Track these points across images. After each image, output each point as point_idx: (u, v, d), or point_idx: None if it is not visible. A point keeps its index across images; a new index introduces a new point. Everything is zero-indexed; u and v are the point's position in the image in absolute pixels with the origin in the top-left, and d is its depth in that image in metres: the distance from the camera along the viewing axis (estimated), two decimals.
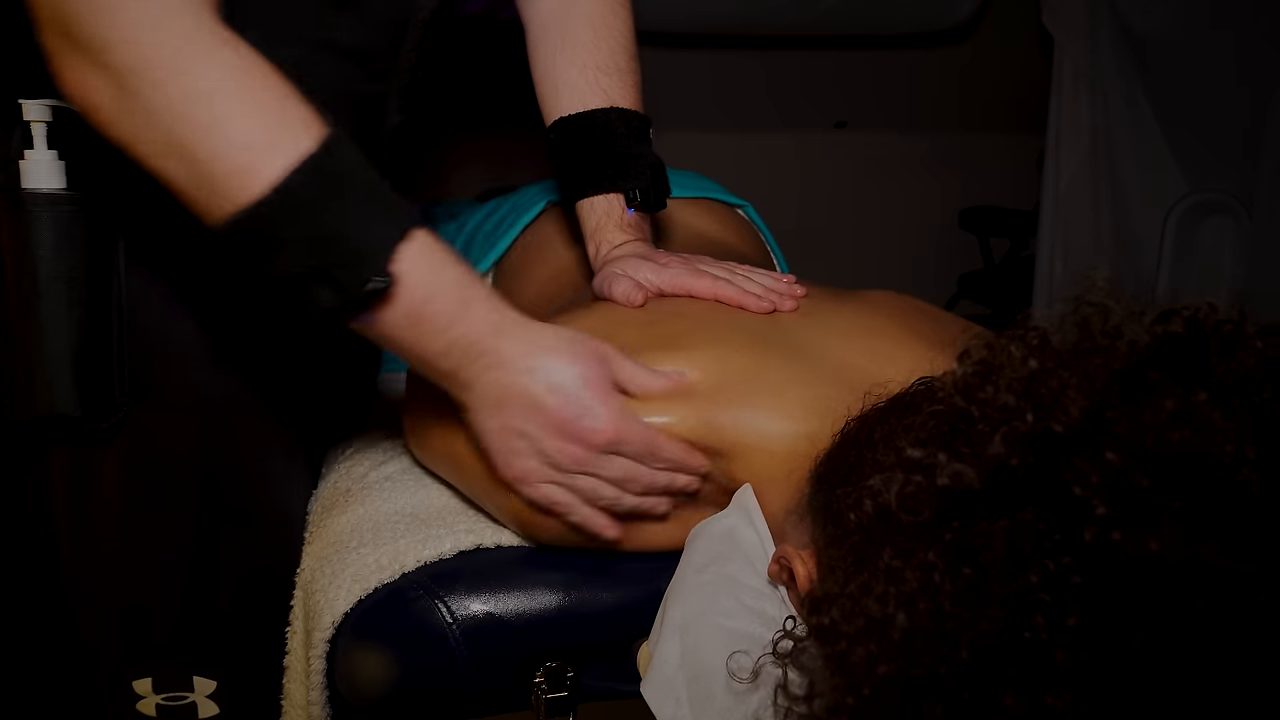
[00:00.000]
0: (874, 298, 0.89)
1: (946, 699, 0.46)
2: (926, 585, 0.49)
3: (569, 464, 0.72)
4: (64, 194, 0.77)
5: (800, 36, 2.88)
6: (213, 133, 0.62)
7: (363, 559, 0.84)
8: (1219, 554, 0.44)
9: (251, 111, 0.63)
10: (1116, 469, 0.46)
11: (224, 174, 0.63)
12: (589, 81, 0.94)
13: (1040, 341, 0.55)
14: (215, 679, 0.93)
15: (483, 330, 0.70)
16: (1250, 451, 0.46)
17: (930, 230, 3.27)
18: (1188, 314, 0.53)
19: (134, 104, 0.62)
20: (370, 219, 0.65)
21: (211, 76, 0.62)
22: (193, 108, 0.62)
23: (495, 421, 0.73)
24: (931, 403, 0.58)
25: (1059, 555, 0.46)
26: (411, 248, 0.67)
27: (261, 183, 0.62)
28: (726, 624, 0.70)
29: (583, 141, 0.94)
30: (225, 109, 0.62)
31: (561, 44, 0.95)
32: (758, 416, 0.76)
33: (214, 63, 0.63)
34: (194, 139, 0.62)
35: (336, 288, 0.65)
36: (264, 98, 0.64)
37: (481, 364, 0.70)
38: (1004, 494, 0.49)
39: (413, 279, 0.66)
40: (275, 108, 0.64)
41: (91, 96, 0.63)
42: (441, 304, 0.68)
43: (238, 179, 0.63)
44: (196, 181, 0.64)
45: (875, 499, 0.54)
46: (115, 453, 0.86)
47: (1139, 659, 0.43)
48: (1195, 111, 2.39)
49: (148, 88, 0.62)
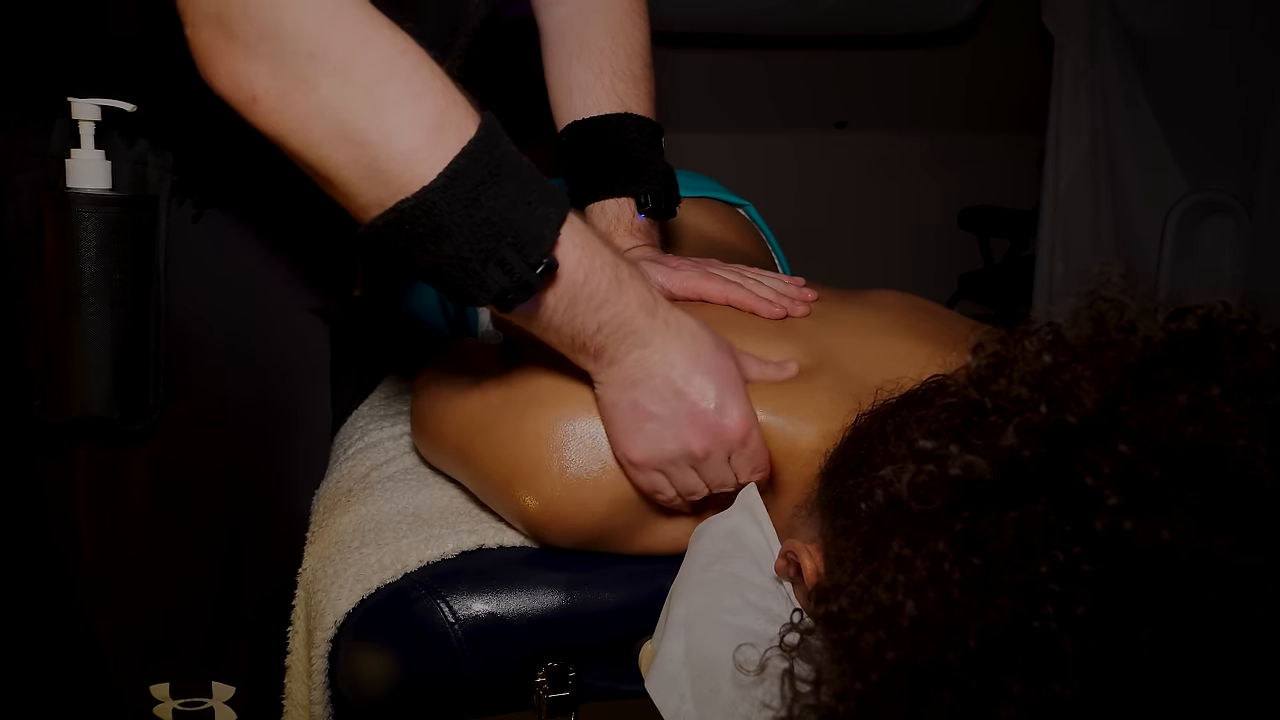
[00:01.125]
0: (880, 298, 0.89)
1: (954, 686, 0.46)
2: (936, 574, 0.49)
3: (695, 455, 0.72)
4: (110, 195, 0.77)
5: (800, 36, 2.89)
6: (387, 117, 0.61)
7: (365, 559, 0.83)
8: (1230, 546, 0.44)
9: (422, 95, 0.62)
10: (1129, 460, 0.46)
11: (395, 158, 0.62)
12: (605, 87, 0.94)
13: (1054, 336, 0.55)
14: (234, 684, 0.93)
15: (634, 310, 0.70)
16: (1262, 447, 0.46)
17: (930, 230, 3.28)
18: (1202, 312, 0.54)
19: (304, 92, 0.61)
20: (534, 202, 0.65)
21: (382, 62, 0.62)
22: (367, 93, 0.61)
23: (628, 398, 0.72)
24: (944, 395, 0.58)
25: (1069, 545, 0.46)
26: (569, 228, 0.67)
27: (432, 167, 0.62)
28: (732, 620, 0.70)
29: (596, 145, 0.94)
30: (398, 93, 0.62)
31: (578, 49, 0.95)
32: (788, 422, 0.76)
33: (383, 48, 0.62)
34: (367, 124, 0.61)
35: (506, 269, 0.64)
36: (431, 82, 0.63)
37: (630, 343, 0.70)
38: (1015, 485, 0.49)
39: (572, 259, 0.67)
40: (441, 92, 0.63)
41: (251, 88, 0.62)
42: (597, 283, 0.68)
43: (408, 163, 0.62)
44: (364, 169, 0.62)
45: (886, 489, 0.54)
46: (145, 455, 0.86)
47: (1148, 649, 0.43)
48: (1195, 111, 2.39)
49: (323, 75, 0.61)
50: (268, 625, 0.93)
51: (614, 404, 0.73)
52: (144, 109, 0.78)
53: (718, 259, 1.05)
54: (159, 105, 0.78)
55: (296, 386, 0.93)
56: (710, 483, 0.75)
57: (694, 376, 0.71)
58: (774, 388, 0.77)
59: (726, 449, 0.73)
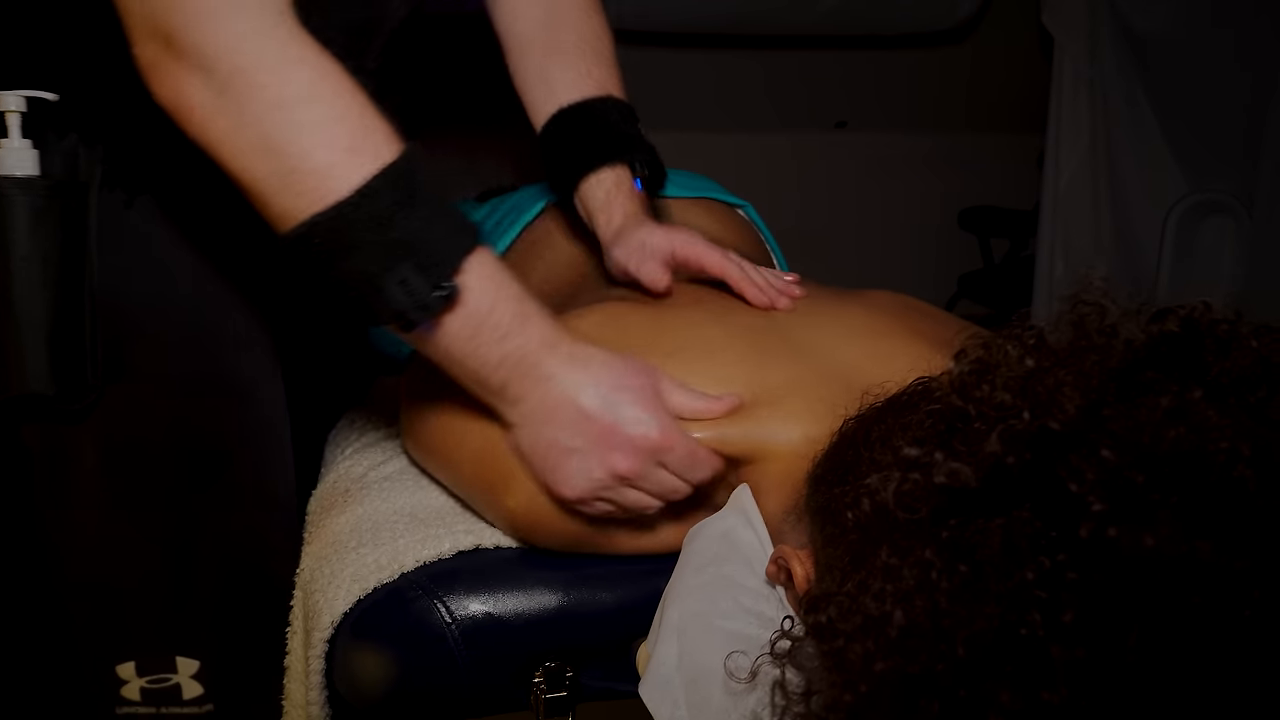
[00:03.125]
0: (874, 297, 0.89)
1: (943, 696, 0.46)
2: (923, 583, 0.49)
3: (625, 474, 0.73)
4: (37, 180, 0.81)
5: (800, 36, 2.89)
6: (305, 135, 0.65)
7: (362, 559, 0.84)
8: (1215, 550, 0.43)
9: (341, 117, 0.66)
10: (1112, 466, 0.46)
11: (310, 174, 0.65)
12: (582, 75, 0.97)
13: (1037, 340, 0.55)
14: (198, 659, 0.94)
15: (536, 344, 0.71)
16: (1245, 448, 0.46)
17: (930, 230, 3.28)
18: (1183, 313, 0.54)
19: (231, 106, 0.65)
20: (443, 229, 0.68)
21: (306, 82, 0.66)
22: (288, 111, 0.65)
23: (544, 438, 0.73)
24: (929, 402, 0.58)
25: (1055, 552, 0.46)
26: (478, 259, 0.69)
27: (346, 185, 0.65)
28: (724, 625, 0.70)
29: (584, 125, 0.96)
30: (318, 114, 0.65)
31: (549, 50, 0.98)
32: (764, 423, 0.76)
33: (308, 70, 0.66)
34: (286, 140, 0.65)
35: (407, 290, 0.66)
36: (351, 106, 0.67)
37: (532, 378, 0.72)
38: (1000, 492, 0.49)
39: (477, 289, 0.69)
40: (361, 116, 0.67)
41: (188, 99, 0.66)
42: (501, 316, 0.70)
43: (323, 180, 0.65)
44: (281, 182, 0.66)
45: (873, 497, 0.54)
46: (91, 433, 0.89)
47: (1134, 654, 0.43)
48: (1195, 111, 2.39)
49: (248, 91, 0.64)
50: (229, 598, 0.95)
51: (532, 447, 0.74)
52: (69, 101, 0.82)
53: None
54: (85, 98, 0.81)
55: (238, 361, 0.94)
56: (658, 495, 0.75)
57: (599, 399, 0.72)
58: (743, 384, 0.77)
59: (654, 459, 0.73)
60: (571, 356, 0.72)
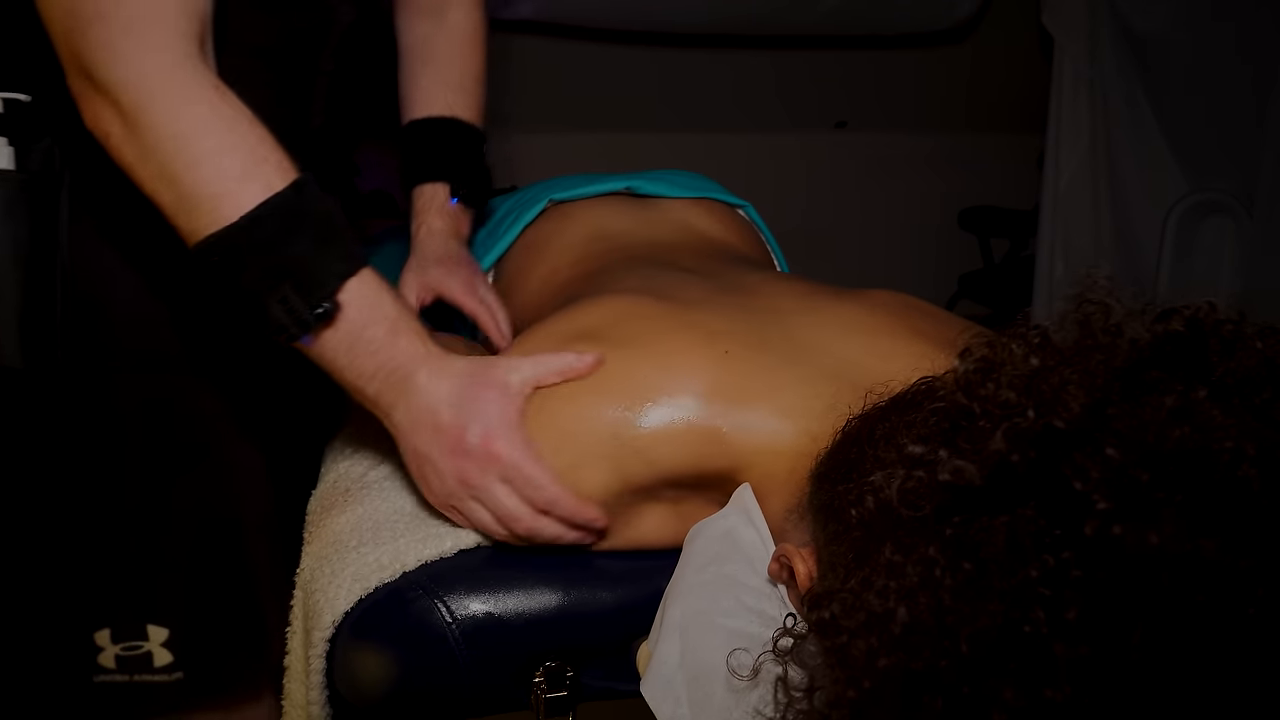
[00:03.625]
0: (874, 296, 0.90)
1: (947, 692, 0.46)
2: (927, 580, 0.49)
3: (469, 484, 0.78)
4: (10, 173, 0.87)
5: (800, 37, 2.89)
6: (197, 168, 0.73)
7: (363, 558, 0.84)
8: (1219, 548, 0.44)
9: (232, 149, 0.74)
10: (1117, 464, 0.46)
11: (203, 201, 0.73)
12: (438, 95, 1.12)
13: (1041, 339, 0.55)
14: (168, 627, 0.97)
15: (405, 359, 0.78)
16: (1250, 448, 0.46)
17: (930, 230, 3.28)
18: (1188, 313, 0.54)
19: (136, 137, 0.73)
20: (324, 254, 0.76)
21: (201, 120, 0.74)
22: (182, 145, 0.73)
23: (411, 446, 0.80)
24: (933, 400, 0.58)
25: (1059, 550, 0.46)
26: (356, 282, 0.76)
27: (235, 212, 0.73)
28: (726, 623, 0.70)
29: (424, 140, 1.11)
30: (209, 147, 0.73)
31: (423, 64, 1.13)
32: (761, 419, 0.76)
33: (203, 109, 0.74)
34: (181, 171, 0.73)
35: (288, 308, 0.74)
36: (244, 141, 0.75)
37: (400, 390, 0.78)
38: (1005, 490, 0.49)
39: (353, 308, 0.76)
40: (253, 149, 0.75)
41: (105, 127, 0.75)
42: (374, 332, 0.77)
43: (214, 207, 0.73)
44: (180, 206, 0.74)
45: (877, 495, 0.54)
46: (66, 406, 0.94)
47: (1138, 652, 0.43)
48: (1195, 111, 2.39)
49: (147, 125, 0.73)
50: (198, 566, 0.98)
51: (405, 454, 0.81)
52: (41, 104, 0.88)
53: (717, 260, 1.05)
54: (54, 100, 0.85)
55: (206, 343, 0.98)
56: (498, 516, 0.79)
57: (452, 410, 0.77)
58: (746, 380, 0.77)
59: (495, 473, 0.77)
60: (434, 371, 0.78)
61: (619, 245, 1.09)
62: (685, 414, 0.76)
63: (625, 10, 2.62)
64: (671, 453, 0.76)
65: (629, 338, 0.80)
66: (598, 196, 1.21)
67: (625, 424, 0.76)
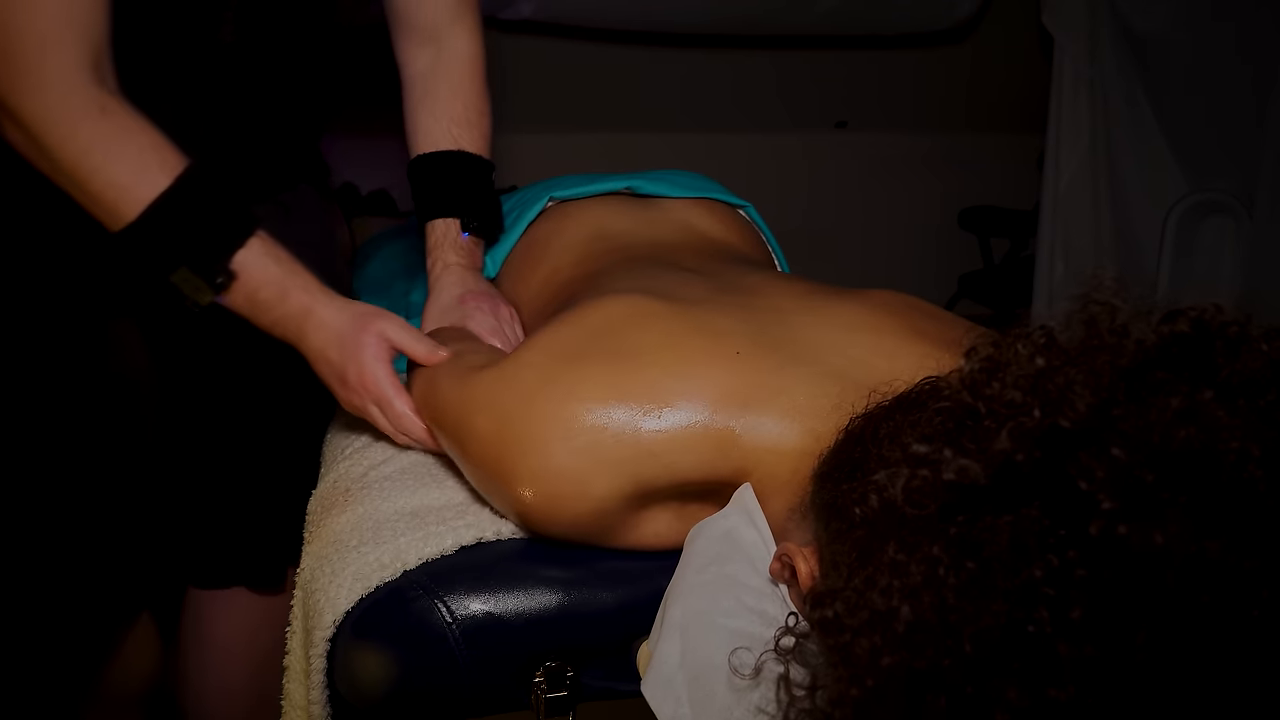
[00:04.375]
0: (876, 296, 0.90)
1: (950, 691, 0.46)
2: (931, 579, 0.49)
3: (356, 407, 0.99)
4: None
5: (800, 36, 2.89)
6: (94, 178, 0.89)
7: (364, 557, 0.84)
8: (1224, 549, 0.44)
9: (120, 161, 0.89)
10: (1122, 464, 0.46)
11: (105, 205, 0.90)
12: (443, 130, 1.17)
13: (1047, 339, 0.55)
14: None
15: (295, 312, 0.96)
16: (1255, 449, 0.46)
17: (930, 230, 3.28)
18: (1194, 314, 0.54)
19: (43, 155, 0.90)
20: (214, 233, 0.92)
21: (93, 140, 0.89)
22: (79, 161, 0.89)
23: (317, 372, 0.99)
24: (938, 399, 0.58)
25: (1063, 549, 0.46)
26: (245, 253, 0.93)
27: (132, 211, 0.89)
28: (727, 623, 0.70)
29: (432, 175, 1.17)
30: (98, 162, 0.89)
31: (424, 96, 1.18)
32: (771, 420, 0.76)
33: (95, 129, 0.89)
34: (82, 182, 0.90)
35: (190, 285, 0.92)
36: (130, 151, 0.90)
37: (297, 336, 0.97)
38: (1010, 489, 0.49)
39: (245, 275, 0.93)
40: (138, 159, 0.90)
41: (19, 145, 0.91)
42: (266, 294, 0.94)
43: (115, 209, 0.90)
44: (90, 208, 0.91)
45: (881, 493, 0.54)
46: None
47: (1142, 653, 0.43)
48: (1195, 111, 2.39)
49: (49, 147, 0.89)
50: None
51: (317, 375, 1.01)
52: None
53: (718, 260, 1.05)
54: None
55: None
56: (379, 428, 0.99)
57: (336, 351, 0.96)
58: (756, 381, 0.77)
59: (370, 399, 0.96)
60: (319, 322, 0.96)
61: (620, 245, 1.09)
62: (700, 418, 0.76)
63: (625, 10, 2.62)
64: (686, 456, 0.76)
65: (641, 341, 0.80)
66: (599, 196, 1.21)
67: (642, 428, 0.76)
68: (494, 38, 2.91)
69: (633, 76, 2.88)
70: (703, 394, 0.77)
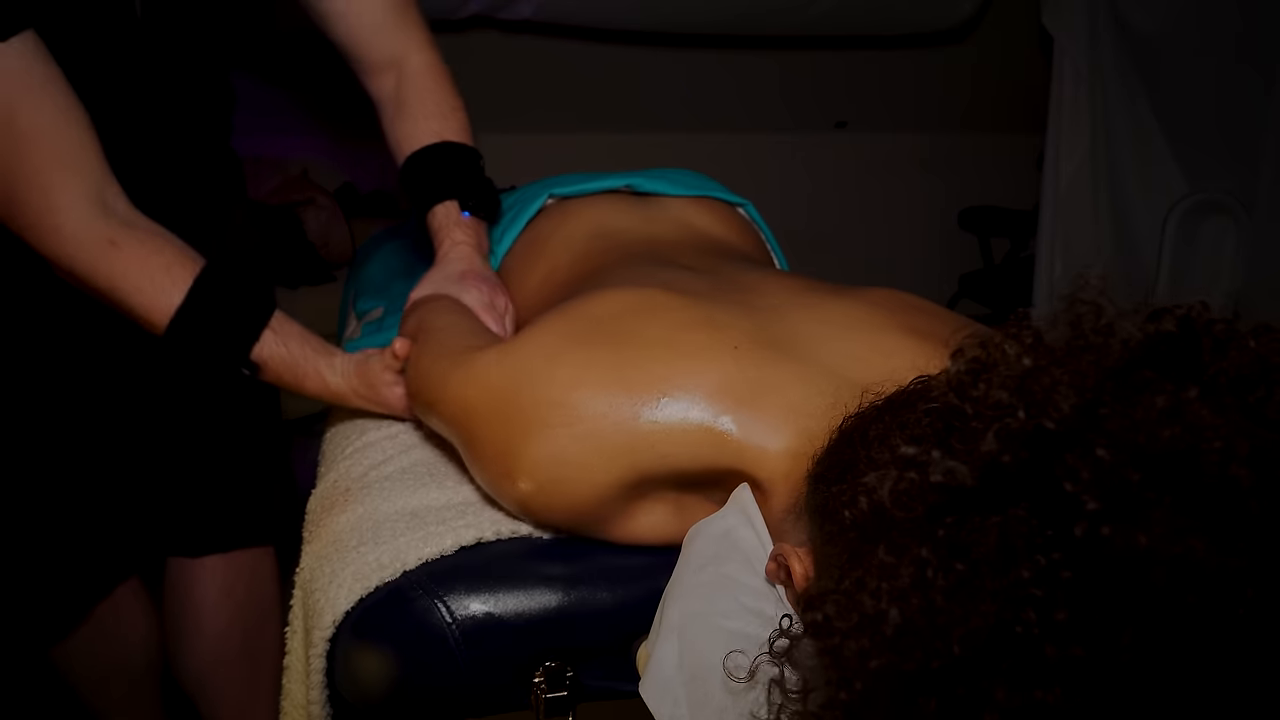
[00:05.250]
0: (873, 293, 0.90)
1: (939, 693, 0.46)
2: (919, 581, 0.49)
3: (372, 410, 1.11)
4: None
5: (800, 36, 2.89)
6: (126, 303, 1.01)
7: (363, 558, 0.84)
8: (1209, 548, 0.43)
9: (140, 291, 1.01)
10: (1107, 465, 0.46)
11: (141, 318, 1.02)
12: (421, 129, 1.21)
13: (1033, 339, 0.55)
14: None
15: (317, 388, 1.08)
16: (1241, 447, 0.46)
17: (930, 230, 3.28)
18: (1180, 313, 0.53)
19: (79, 281, 1.02)
20: (232, 334, 1.04)
21: (112, 273, 1.00)
22: (107, 288, 1.01)
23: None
24: (926, 401, 0.58)
25: (1050, 551, 0.45)
26: (262, 347, 1.04)
27: (158, 325, 1.02)
28: (724, 624, 0.70)
29: (425, 168, 1.20)
30: (124, 290, 1.01)
31: (396, 111, 1.23)
32: (767, 417, 0.76)
33: (111, 264, 0.99)
34: (118, 305, 1.02)
35: (225, 372, 1.05)
36: (145, 279, 1.00)
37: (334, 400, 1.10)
38: (996, 490, 0.49)
39: (266, 365, 1.06)
40: (150, 283, 1.01)
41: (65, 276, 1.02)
42: (287, 377, 1.07)
43: (149, 321, 1.02)
44: (132, 318, 1.03)
45: (870, 496, 0.54)
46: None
47: (1129, 653, 0.43)
48: (1195, 111, 2.38)
49: (80, 277, 1.01)
50: None
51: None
52: None
53: (716, 257, 1.05)
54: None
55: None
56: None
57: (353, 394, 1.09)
58: (754, 377, 0.77)
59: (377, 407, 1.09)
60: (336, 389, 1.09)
61: (619, 243, 1.09)
62: (696, 412, 0.76)
63: (625, 10, 2.62)
64: (683, 449, 0.76)
65: (645, 330, 0.80)
66: (598, 194, 1.22)
67: (643, 418, 0.76)
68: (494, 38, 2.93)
69: (633, 76, 2.88)
70: (701, 387, 0.77)
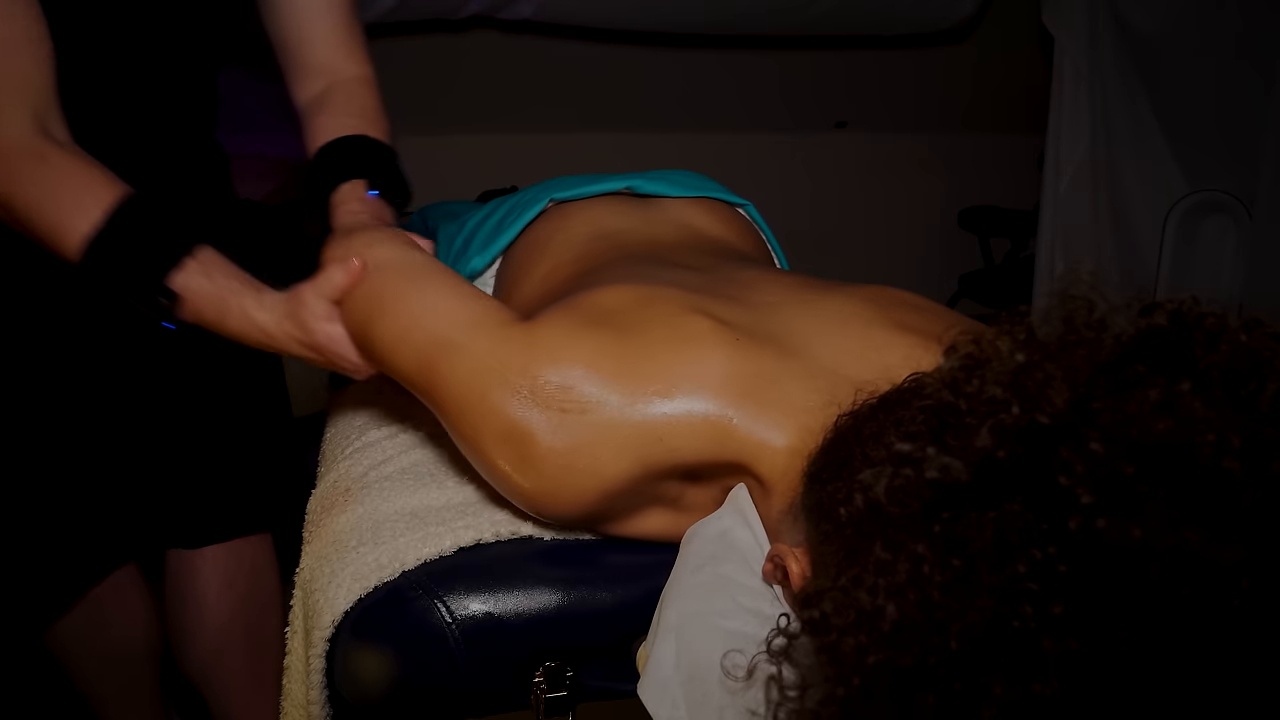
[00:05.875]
0: (865, 290, 0.90)
1: (937, 688, 0.46)
2: (916, 576, 0.49)
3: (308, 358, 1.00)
4: None
5: (800, 36, 2.89)
6: (38, 219, 0.97)
7: (363, 558, 0.84)
8: (1203, 540, 0.44)
9: (58, 203, 0.97)
10: (1101, 459, 0.46)
11: (52, 241, 0.97)
12: (340, 124, 1.18)
13: (1026, 335, 0.55)
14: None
15: (242, 322, 0.98)
16: (1234, 440, 0.46)
17: (930, 230, 3.28)
18: (1172, 307, 0.54)
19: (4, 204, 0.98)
20: (149, 257, 0.96)
21: (34, 185, 0.97)
22: (24, 206, 0.97)
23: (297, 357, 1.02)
24: (920, 398, 0.58)
25: (1045, 545, 0.46)
26: (183, 274, 0.95)
27: (74, 246, 0.95)
28: (722, 624, 0.70)
29: (334, 154, 1.16)
30: (46, 205, 0.96)
31: (318, 111, 1.20)
32: (764, 412, 0.76)
33: (35, 176, 0.97)
34: (29, 222, 0.97)
35: (140, 304, 0.96)
36: (65, 192, 0.97)
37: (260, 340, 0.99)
38: (992, 486, 0.49)
39: (188, 294, 0.96)
40: (72, 198, 0.96)
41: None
42: (209, 312, 0.97)
43: (60, 244, 0.96)
44: (41, 240, 0.98)
45: (865, 493, 0.54)
46: None
47: (1124, 646, 0.43)
48: (1195, 111, 2.38)
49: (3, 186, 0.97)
50: None
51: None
52: None
53: (716, 257, 1.05)
54: None
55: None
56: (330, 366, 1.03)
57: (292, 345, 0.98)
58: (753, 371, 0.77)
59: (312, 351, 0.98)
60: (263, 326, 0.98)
61: (619, 244, 1.09)
62: (701, 405, 0.76)
63: (625, 10, 2.62)
64: (688, 442, 0.76)
65: (648, 324, 0.80)
66: (598, 196, 1.22)
67: (646, 410, 0.76)
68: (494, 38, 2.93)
69: (633, 76, 2.88)
70: (706, 380, 0.76)
